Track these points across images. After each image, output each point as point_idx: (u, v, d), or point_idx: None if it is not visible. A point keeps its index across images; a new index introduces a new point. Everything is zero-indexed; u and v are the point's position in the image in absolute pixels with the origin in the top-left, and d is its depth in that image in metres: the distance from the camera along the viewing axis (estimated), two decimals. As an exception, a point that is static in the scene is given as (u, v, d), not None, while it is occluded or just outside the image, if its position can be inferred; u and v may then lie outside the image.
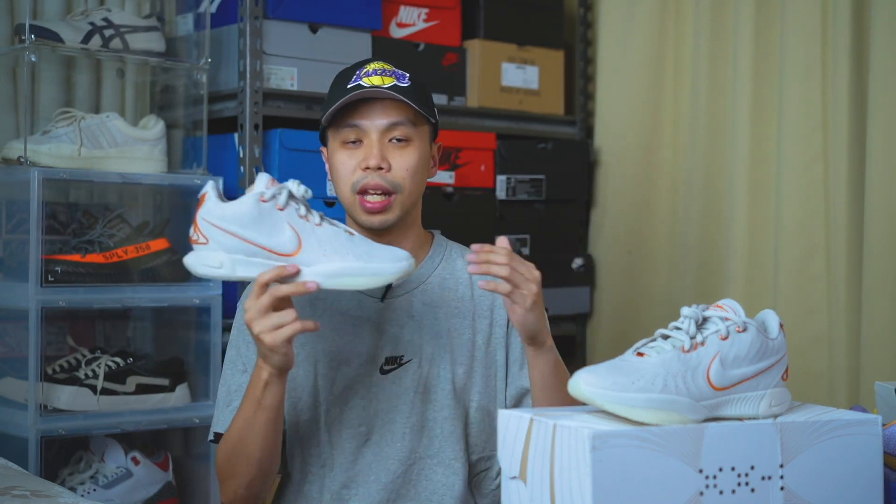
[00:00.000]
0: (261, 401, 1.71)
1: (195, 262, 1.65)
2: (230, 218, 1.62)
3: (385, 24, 2.93)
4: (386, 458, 1.87)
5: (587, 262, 3.32)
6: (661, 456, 1.30)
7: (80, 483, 2.47)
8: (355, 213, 1.86)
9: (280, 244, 1.62)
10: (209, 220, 1.63)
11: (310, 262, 1.62)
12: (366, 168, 1.84)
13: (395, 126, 1.85)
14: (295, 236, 1.62)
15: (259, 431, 1.74)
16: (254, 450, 1.76)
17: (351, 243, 1.64)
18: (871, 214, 2.65)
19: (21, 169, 2.40)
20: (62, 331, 2.65)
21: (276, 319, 1.62)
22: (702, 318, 1.42)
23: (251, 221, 1.62)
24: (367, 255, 1.63)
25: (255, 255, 1.62)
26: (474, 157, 3.04)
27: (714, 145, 3.09)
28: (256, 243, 1.62)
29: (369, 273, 1.62)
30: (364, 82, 1.84)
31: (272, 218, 1.62)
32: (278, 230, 1.62)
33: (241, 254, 1.63)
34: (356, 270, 1.62)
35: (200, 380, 2.60)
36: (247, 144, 2.64)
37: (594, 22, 3.44)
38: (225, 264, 1.63)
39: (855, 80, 2.73)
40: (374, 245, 1.66)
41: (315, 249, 1.62)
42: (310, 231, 1.63)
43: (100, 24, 2.53)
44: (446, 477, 1.88)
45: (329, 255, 1.62)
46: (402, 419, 1.87)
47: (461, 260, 1.97)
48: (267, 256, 1.62)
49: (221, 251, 1.63)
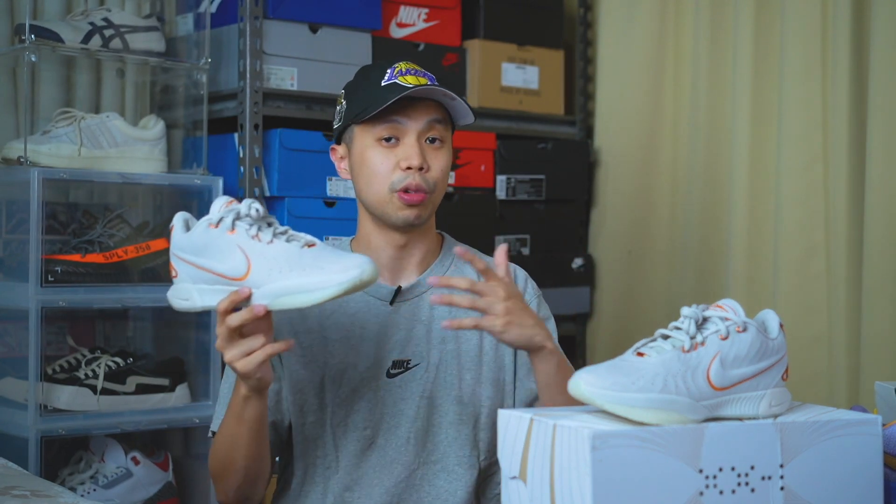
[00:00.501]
0: (241, 415, 1.70)
1: (171, 296, 1.65)
2: (188, 248, 1.60)
3: (385, 24, 2.93)
4: (390, 463, 1.86)
5: (587, 262, 3.32)
6: (661, 456, 1.30)
7: (80, 483, 2.47)
8: (388, 210, 1.84)
9: (231, 268, 1.57)
10: (176, 253, 1.62)
11: (259, 282, 1.56)
12: (407, 168, 1.82)
13: (432, 125, 1.85)
14: (244, 258, 1.57)
15: (242, 444, 1.74)
16: (238, 459, 1.76)
17: (299, 257, 1.56)
18: (871, 214, 2.65)
19: (21, 169, 2.40)
20: (62, 331, 2.65)
21: (245, 346, 1.59)
22: (702, 318, 1.42)
23: (204, 248, 1.59)
24: (312, 267, 1.55)
25: (216, 283, 1.59)
26: (474, 157, 3.04)
27: (714, 145, 3.09)
28: (212, 270, 1.59)
29: (311, 288, 1.53)
30: (400, 81, 1.83)
31: (223, 242, 1.58)
32: (228, 254, 1.57)
33: (203, 282, 1.60)
34: (295, 287, 1.54)
35: (200, 380, 2.60)
36: (247, 144, 2.64)
37: (594, 22, 3.44)
38: (192, 295, 1.62)
39: (855, 80, 2.73)
40: (328, 255, 1.57)
41: (264, 270, 1.56)
42: (259, 251, 1.57)
43: (100, 24, 2.53)
44: (449, 483, 1.88)
45: (274, 275, 1.56)
46: (407, 424, 1.87)
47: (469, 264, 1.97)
48: (225, 283, 1.58)
49: (189, 282, 1.61)
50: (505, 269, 1.73)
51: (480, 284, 1.69)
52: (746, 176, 2.95)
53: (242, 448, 1.74)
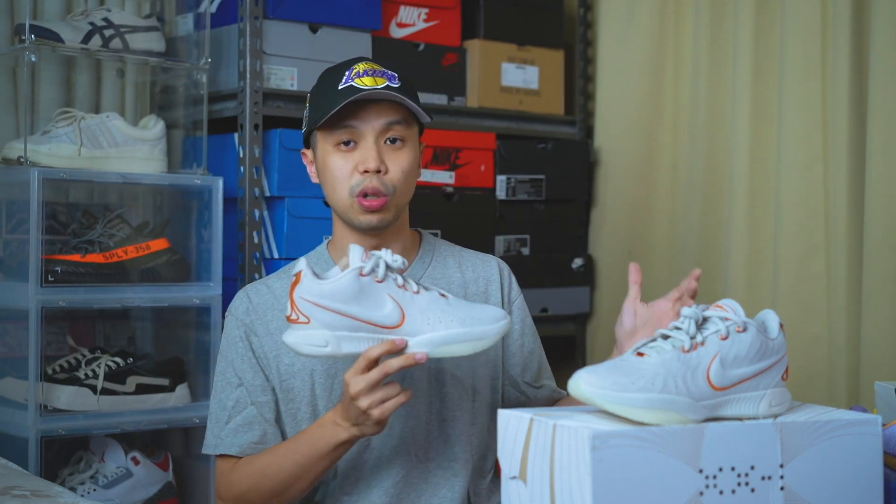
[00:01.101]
0: (330, 455, 1.73)
1: (299, 342, 1.64)
2: (331, 295, 1.61)
3: (385, 24, 2.93)
4: (386, 464, 1.86)
5: (587, 262, 3.32)
6: (661, 456, 1.30)
7: (80, 483, 2.46)
8: (352, 215, 1.85)
9: (383, 317, 1.62)
10: (308, 299, 1.62)
11: (414, 332, 1.62)
12: (364, 171, 1.82)
13: (390, 126, 1.84)
14: (397, 308, 1.62)
15: (311, 478, 1.77)
16: (299, 491, 1.78)
17: (450, 307, 1.64)
18: (871, 214, 2.64)
19: (21, 169, 2.40)
20: (62, 331, 2.65)
21: (384, 394, 1.63)
22: (702, 318, 1.42)
23: (353, 297, 1.61)
24: (469, 318, 1.63)
25: (359, 330, 1.62)
26: (474, 157, 3.04)
27: (714, 145, 3.09)
28: (360, 318, 1.61)
29: (474, 338, 1.63)
30: (357, 83, 1.82)
31: (372, 291, 1.62)
32: (380, 303, 1.62)
33: (346, 330, 1.62)
34: (461, 337, 1.62)
35: (200, 380, 2.60)
36: (247, 144, 2.64)
37: (594, 22, 3.44)
38: (331, 342, 1.62)
39: (855, 80, 2.73)
40: (472, 306, 1.66)
41: (418, 319, 1.62)
42: (410, 300, 1.63)
43: (100, 24, 2.53)
44: (447, 480, 1.88)
45: (433, 324, 1.62)
46: (400, 425, 1.87)
47: (451, 259, 1.97)
48: (371, 330, 1.62)
49: (324, 329, 1.62)
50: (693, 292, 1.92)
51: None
52: (746, 176, 2.95)
53: (309, 482, 1.77)
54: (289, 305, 1.63)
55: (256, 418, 1.84)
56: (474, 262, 1.99)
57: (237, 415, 1.84)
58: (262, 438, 1.84)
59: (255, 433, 1.84)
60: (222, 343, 1.91)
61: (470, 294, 1.94)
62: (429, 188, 2.94)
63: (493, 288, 1.97)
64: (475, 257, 2.00)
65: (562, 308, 3.25)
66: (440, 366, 1.89)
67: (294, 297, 1.62)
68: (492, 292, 1.96)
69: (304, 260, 1.64)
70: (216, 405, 1.88)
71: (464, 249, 2.02)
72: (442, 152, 2.96)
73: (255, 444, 1.83)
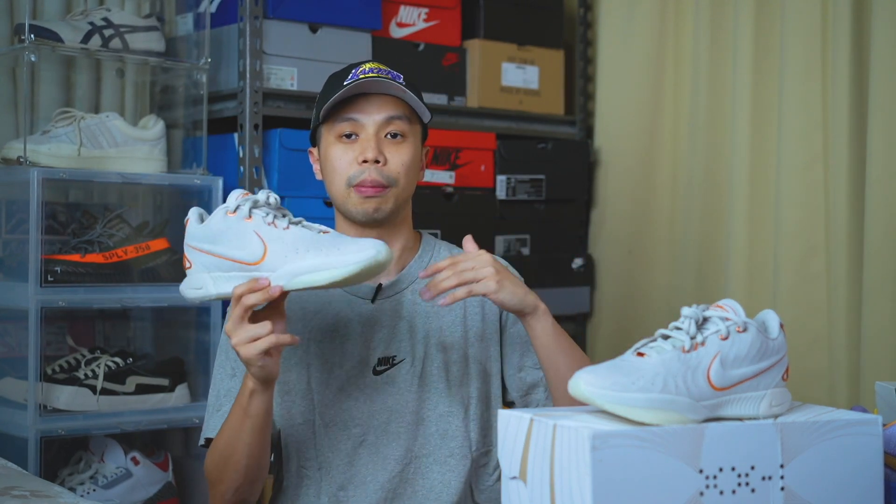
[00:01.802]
0: (247, 409, 1.71)
1: (184, 287, 1.68)
2: (203, 237, 1.64)
3: (385, 24, 2.93)
4: (382, 459, 1.87)
5: (587, 262, 3.31)
6: (662, 456, 1.30)
7: (79, 483, 2.46)
8: (349, 206, 1.86)
9: (248, 254, 1.62)
10: (190, 244, 1.66)
11: (275, 266, 1.61)
12: (363, 162, 1.84)
13: (391, 121, 1.86)
14: (261, 244, 1.62)
15: (245, 439, 1.74)
16: (240, 457, 1.76)
17: (316, 240, 1.62)
18: (872, 214, 2.64)
19: (21, 169, 2.40)
20: (62, 331, 2.65)
21: (252, 332, 1.62)
22: (702, 318, 1.42)
23: (220, 236, 1.63)
24: (330, 247, 1.60)
25: (231, 270, 1.63)
26: (474, 157, 3.04)
27: (714, 145, 3.09)
28: (227, 256, 1.63)
29: (329, 266, 1.59)
30: (361, 79, 1.85)
31: (239, 229, 1.62)
32: (246, 240, 1.62)
33: (218, 270, 1.64)
34: (315, 266, 1.59)
35: (200, 380, 2.60)
36: (247, 144, 2.64)
37: (594, 22, 3.44)
38: (206, 284, 1.65)
39: (855, 80, 2.72)
40: (344, 239, 1.63)
41: (279, 254, 1.61)
42: (276, 236, 1.62)
43: (99, 24, 2.53)
44: (443, 475, 1.88)
45: (291, 257, 1.60)
46: (396, 419, 1.87)
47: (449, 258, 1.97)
48: (241, 269, 1.63)
49: (203, 271, 1.65)
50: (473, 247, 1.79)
51: (461, 257, 1.75)
52: (746, 176, 2.95)
53: (246, 446, 1.74)
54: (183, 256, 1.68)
55: None
56: None
57: (227, 403, 1.85)
58: None
59: None
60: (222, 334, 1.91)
61: None
62: (429, 188, 2.94)
63: None
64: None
65: (562, 308, 3.24)
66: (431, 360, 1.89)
67: (184, 244, 1.67)
68: None
69: (196, 207, 1.69)
70: (212, 395, 1.89)
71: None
72: (442, 152, 2.96)
73: None
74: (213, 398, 1.88)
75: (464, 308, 1.93)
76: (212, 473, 1.81)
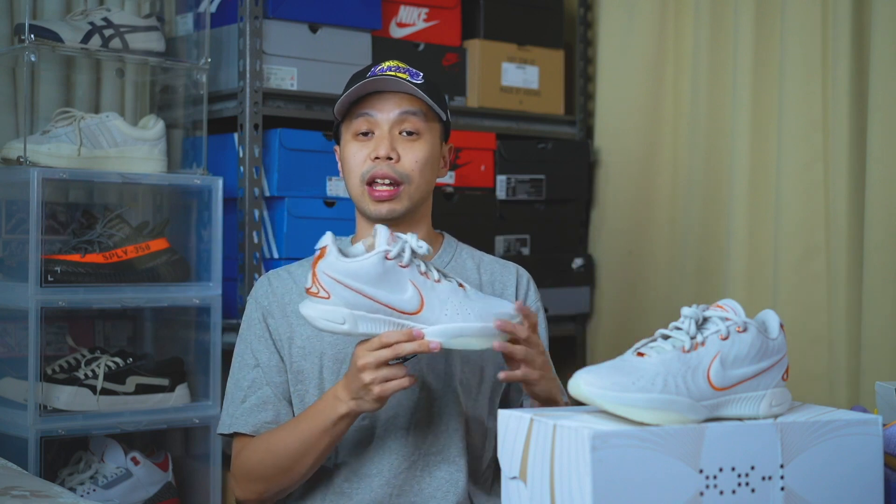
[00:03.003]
0: (330, 430, 1.74)
1: (317, 316, 1.65)
2: (354, 275, 1.62)
3: (385, 23, 2.93)
4: (390, 454, 1.87)
5: (587, 262, 3.31)
6: (662, 456, 1.30)
7: (79, 483, 2.46)
8: (364, 204, 1.88)
9: (403, 302, 1.63)
10: (331, 275, 1.62)
11: (432, 320, 1.63)
12: (375, 158, 1.86)
13: (406, 117, 1.88)
14: (417, 295, 1.63)
15: (316, 454, 1.78)
16: (303, 469, 1.80)
17: (468, 300, 1.65)
18: (872, 214, 2.64)
19: (21, 169, 2.40)
20: (62, 331, 2.65)
21: (389, 373, 1.65)
22: (702, 319, 1.42)
23: (376, 279, 1.62)
24: (486, 313, 1.65)
25: (378, 312, 1.64)
26: (474, 157, 3.04)
27: (714, 145, 3.09)
28: (380, 301, 1.63)
29: (488, 333, 1.65)
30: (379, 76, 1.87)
31: (395, 276, 1.63)
32: (401, 288, 1.63)
33: (364, 310, 1.63)
34: (477, 331, 1.64)
35: (200, 380, 2.60)
36: (247, 144, 2.64)
37: (594, 22, 3.44)
38: (348, 320, 1.63)
39: (855, 80, 2.72)
40: (488, 300, 1.68)
41: (437, 308, 1.63)
42: (430, 289, 1.64)
43: (99, 24, 2.53)
44: (450, 474, 1.88)
45: (451, 315, 1.63)
46: (406, 415, 1.88)
47: (471, 261, 1.99)
48: (390, 314, 1.63)
49: (343, 306, 1.63)
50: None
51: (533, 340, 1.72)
52: (746, 176, 2.94)
53: (314, 458, 1.79)
54: (309, 278, 1.64)
55: (271, 399, 1.87)
56: (493, 266, 2.01)
57: (252, 395, 1.87)
58: (275, 419, 1.87)
59: (269, 413, 1.87)
60: (242, 326, 1.95)
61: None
62: (429, 188, 2.93)
63: (508, 293, 1.98)
64: (495, 262, 2.02)
65: (562, 308, 3.24)
66: (449, 362, 1.89)
67: (316, 270, 1.63)
68: (507, 296, 1.98)
69: (330, 234, 1.66)
70: (232, 385, 1.90)
71: (485, 254, 2.05)
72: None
73: (269, 423, 1.86)
74: (234, 389, 1.90)
75: None
76: (252, 471, 1.83)
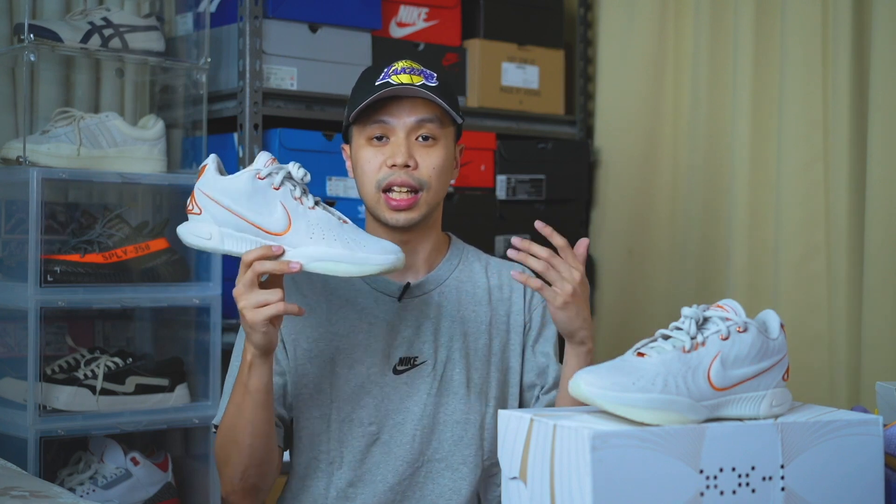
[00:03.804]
0: (247, 384, 1.71)
1: (186, 231, 1.68)
2: (224, 191, 1.64)
3: (385, 23, 2.93)
4: (394, 459, 1.86)
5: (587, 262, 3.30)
6: (662, 456, 1.30)
7: (79, 483, 2.46)
8: (379, 210, 1.85)
9: (270, 223, 1.64)
10: (204, 192, 1.66)
11: (296, 243, 1.63)
12: (392, 165, 1.83)
13: (422, 124, 1.85)
14: (286, 216, 1.63)
15: (247, 417, 1.72)
16: (244, 436, 1.74)
17: (340, 230, 1.65)
18: (872, 214, 2.64)
19: (20, 169, 2.40)
20: (61, 331, 2.65)
21: (261, 297, 1.62)
22: (702, 319, 1.41)
23: (244, 197, 1.64)
24: (355, 243, 1.64)
25: (245, 231, 1.65)
26: (474, 157, 3.04)
27: (714, 145, 3.09)
28: (247, 219, 1.64)
29: (353, 261, 1.63)
30: (393, 80, 1.84)
31: (266, 196, 1.64)
32: (270, 209, 1.64)
33: (231, 227, 1.65)
34: (340, 257, 1.63)
35: (200, 380, 2.60)
36: (246, 144, 2.64)
37: (594, 22, 3.44)
38: (214, 236, 1.66)
39: (855, 80, 2.72)
40: (365, 235, 1.67)
41: (303, 231, 1.63)
42: (301, 213, 1.64)
43: (99, 24, 2.53)
44: (453, 482, 1.88)
45: (316, 239, 1.63)
46: (412, 420, 1.87)
47: (478, 264, 1.98)
48: (256, 233, 1.64)
49: (213, 223, 1.66)
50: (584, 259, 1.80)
51: (558, 259, 1.75)
52: (747, 176, 2.94)
53: (248, 423, 1.73)
54: (189, 197, 1.68)
55: None
56: (500, 269, 1.99)
57: None
58: None
59: None
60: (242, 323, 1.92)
61: (494, 300, 1.94)
62: (429, 188, 2.93)
63: (516, 295, 1.97)
64: (501, 265, 2.01)
65: (562, 308, 3.24)
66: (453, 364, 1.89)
67: (194, 188, 1.67)
68: (515, 299, 1.96)
69: (214, 155, 1.69)
70: (228, 382, 1.88)
71: (491, 257, 2.03)
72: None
73: None
74: (228, 385, 1.88)
75: (490, 317, 1.93)
76: (219, 457, 1.81)
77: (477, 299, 1.93)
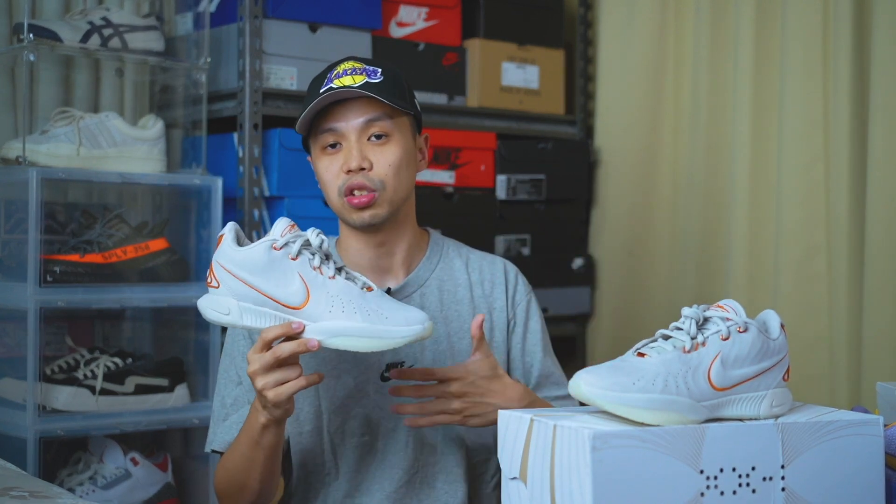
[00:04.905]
0: (259, 442, 1.69)
1: (206, 306, 1.62)
2: (241, 264, 1.57)
3: (385, 23, 2.93)
4: (390, 467, 1.86)
5: (588, 263, 3.31)
6: (662, 456, 1.30)
7: (78, 484, 2.46)
8: (346, 215, 1.83)
9: (288, 296, 1.57)
10: (222, 264, 1.59)
11: (316, 316, 1.56)
12: (348, 171, 1.80)
13: (371, 123, 1.81)
14: (304, 288, 1.56)
15: (258, 468, 1.73)
16: (254, 483, 1.75)
17: (363, 300, 1.57)
18: (872, 214, 2.64)
19: (20, 169, 2.40)
20: (61, 331, 2.65)
21: (280, 376, 1.58)
22: (703, 319, 1.41)
23: (261, 269, 1.57)
24: (377, 314, 1.57)
25: (264, 305, 1.58)
26: (474, 156, 3.04)
27: (714, 145, 3.09)
28: (264, 292, 1.57)
29: (374, 335, 1.56)
30: (335, 84, 1.79)
31: (283, 267, 1.57)
32: (287, 281, 1.56)
33: (250, 302, 1.58)
34: (361, 331, 1.55)
35: (199, 380, 2.60)
36: (246, 144, 2.64)
37: (594, 21, 3.44)
38: (233, 311, 1.59)
39: (856, 80, 2.72)
40: (390, 303, 1.60)
41: (323, 304, 1.56)
42: (320, 284, 1.57)
43: (99, 24, 2.53)
44: (449, 484, 1.88)
45: (335, 312, 1.56)
46: (404, 427, 1.86)
47: (458, 260, 1.96)
48: (275, 307, 1.57)
49: (231, 297, 1.59)
50: (479, 339, 1.75)
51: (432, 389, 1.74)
52: (747, 176, 2.94)
53: (258, 473, 1.73)
54: (209, 269, 1.61)
55: None
56: (481, 264, 1.97)
57: (234, 413, 1.84)
58: None
59: None
60: (227, 339, 1.90)
61: (476, 296, 1.93)
62: (429, 188, 2.93)
63: (497, 291, 1.95)
64: (482, 259, 1.98)
65: (562, 308, 3.24)
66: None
67: (213, 260, 1.60)
68: (497, 295, 1.95)
69: (232, 223, 1.62)
70: (217, 402, 1.87)
71: (471, 250, 2.00)
72: (442, 152, 2.96)
73: None
74: (219, 406, 1.86)
75: (472, 315, 1.90)
76: (222, 491, 1.81)
77: (458, 298, 1.92)
